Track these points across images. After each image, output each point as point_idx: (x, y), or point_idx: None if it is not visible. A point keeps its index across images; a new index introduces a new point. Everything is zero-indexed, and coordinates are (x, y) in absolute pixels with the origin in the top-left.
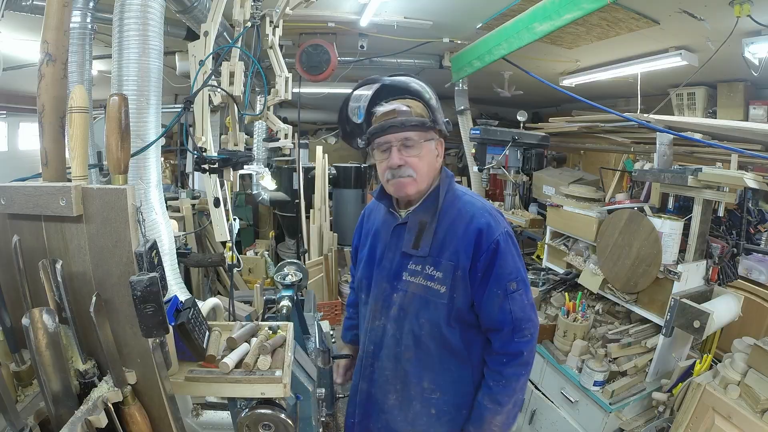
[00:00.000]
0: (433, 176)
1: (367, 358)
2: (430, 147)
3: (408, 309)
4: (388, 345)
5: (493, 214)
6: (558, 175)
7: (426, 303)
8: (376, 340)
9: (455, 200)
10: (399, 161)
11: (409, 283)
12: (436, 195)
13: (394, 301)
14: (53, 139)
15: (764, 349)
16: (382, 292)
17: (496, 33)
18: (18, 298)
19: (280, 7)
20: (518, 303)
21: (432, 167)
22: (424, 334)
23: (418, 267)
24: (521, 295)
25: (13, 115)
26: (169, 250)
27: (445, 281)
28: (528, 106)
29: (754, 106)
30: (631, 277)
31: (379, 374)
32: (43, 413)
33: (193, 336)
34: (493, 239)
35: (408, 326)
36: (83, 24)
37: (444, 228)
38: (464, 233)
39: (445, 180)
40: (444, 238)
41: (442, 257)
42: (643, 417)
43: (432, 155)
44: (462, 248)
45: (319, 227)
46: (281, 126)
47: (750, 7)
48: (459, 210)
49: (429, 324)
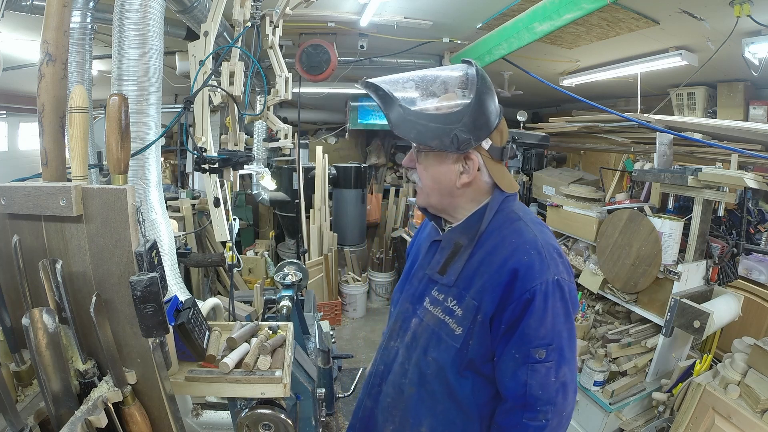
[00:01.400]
0: (451, 195)
1: (376, 376)
2: (440, 158)
3: (419, 340)
4: (395, 371)
5: (542, 253)
6: (558, 175)
7: (438, 340)
8: (388, 361)
9: (505, 224)
10: (408, 162)
11: (427, 311)
12: (481, 214)
13: (410, 327)
14: (53, 139)
15: (764, 349)
16: (403, 313)
17: (496, 33)
18: (18, 298)
19: (280, 7)
20: (540, 377)
21: (442, 184)
22: (430, 373)
23: (441, 296)
24: (549, 369)
25: (13, 115)
26: (169, 250)
27: (464, 322)
28: (528, 106)
29: (754, 106)
30: (631, 277)
31: (383, 398)
32: (43, 413)
33: (193, 336)
34: (530, 287)
35: (416, 358)
36: (83, 24)
37: (480, 257)
38: (498, 269)
39: (496, 198)
40: (477, 270)
41: (467, 292)
42: (643, 417)
43: (443, 170)
44: (489, 288)
45: (319, 227)
46: (281, 126)
47: (750, 7)
48: (504, 238)
49: (435, 364)
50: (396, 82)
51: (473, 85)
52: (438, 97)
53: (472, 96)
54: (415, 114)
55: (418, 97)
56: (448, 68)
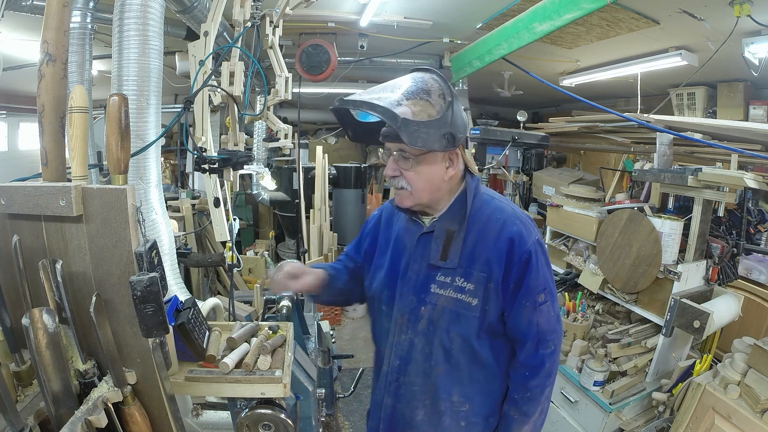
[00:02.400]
0: (439, 190)
1: (392, 373)
2: (431, 159)
3: (438, 323)
4: (416, 360)
5: (524, 221)
6: (558, 175)
7: (457, 316)
8: (402, 354)
9: (483, 205)
10: (392, 171)
11: (438, 296)
12: (463, 201)
13: (421, 315)
14: (53, 139)
15: (764, 349)
16: (408, 305)
17: (496, 33)
18: (18, 298)
19: (280, 7)
20: (545, 315)
21: (433, 182)
22: (455, 348)
23: (448, 279)
24: (548, 307)
25: (13, 115)
26: (169, 250)
27: (477, 293)
28: (528, 106)
29: (754, 106)
30: (631, 277)
31: (406, 389)
32: (43, 413)
33: (193, 336)
34: (525, 249)
35: (438, 340)
36: (83, 24)
37: (474, 236)
38: (495, 242)
39: (471, 185)
40: (474, 248)
41: (473, 268)
42: (643, 417)
43: (434, 169)
44: (494, 258)
45: (319, 227)
46: (281, 126)
47: (750, 7)
48: (489, 216)
49: (460, 338)
50: (388, 98)
51: (447, 89)
52: (431, 104)
53: (450, 99)
54: (416, 124)
55: (414, 109)
56: (417, 78)
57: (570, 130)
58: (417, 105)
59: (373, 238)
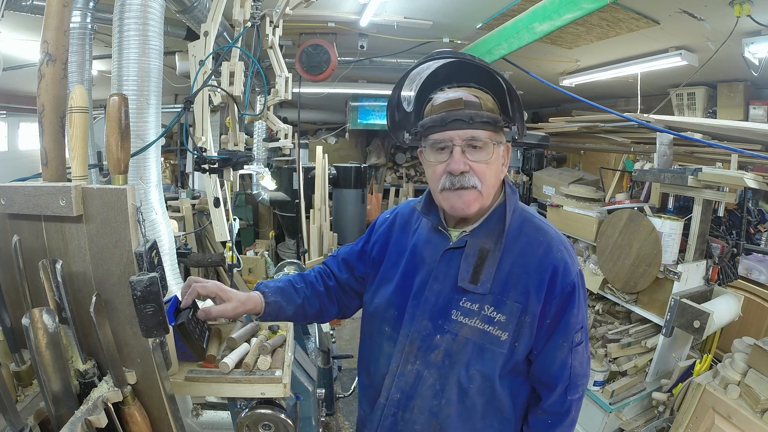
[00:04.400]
0: (497, 190)
1: (389, 407)
2: (499, 152)
3: (457, 356)
4: (423, 396)
5: (568, 249)
6: (558, 175)
7: (481, 351)
8: (406, 387)
9: (524, 223)
10: (463, 166)
11: (460, 324)
12: (501, 215)
13: (436, 344)
14: (53, 139)
15: (764, 349)
16: (421, 331)
17: (496, 33)
18: (18, 298)
19: (280, 7)
20: (579, 357)
21: (499, 179)
22: (473, 387)
23: (475, 306)
24: (584, 348)
25: (13, 115)
26: (169, 250)
27: (508, 327)
28: (528, 106)
29: (754, 106)
30: (631, 277)
31: (405, 427)
32: (43, 413)
33: (193, 336)
34: (569, 281)
35: (455, 377)
36: (83, 24)
37: (510, 259)
38: (537, 269)
39: (511, 196)
40: (510, 272)
41: (506, 297)
42: (643, 417)
43: (500, 164)
44: (533, 288)
45: (319, 227)
46: (281, 126)
47: (750, 7)
48: (530, 237)
49: (481, 377)
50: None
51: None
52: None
53: (509, 83)
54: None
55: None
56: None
57: (570, 130)
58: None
59: (383, 245)
